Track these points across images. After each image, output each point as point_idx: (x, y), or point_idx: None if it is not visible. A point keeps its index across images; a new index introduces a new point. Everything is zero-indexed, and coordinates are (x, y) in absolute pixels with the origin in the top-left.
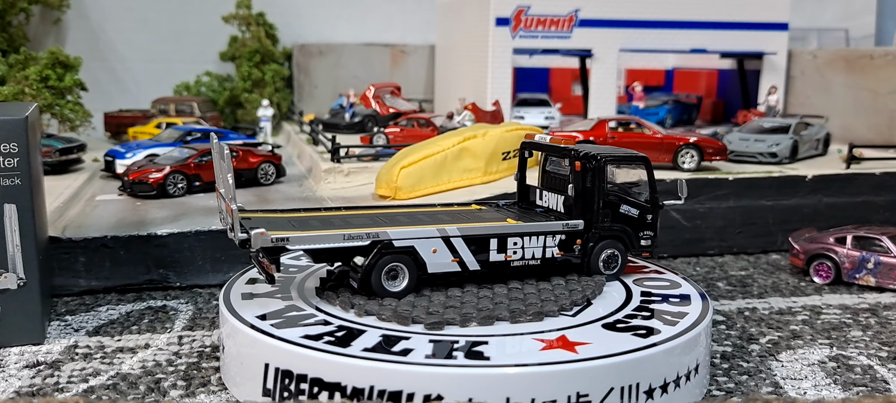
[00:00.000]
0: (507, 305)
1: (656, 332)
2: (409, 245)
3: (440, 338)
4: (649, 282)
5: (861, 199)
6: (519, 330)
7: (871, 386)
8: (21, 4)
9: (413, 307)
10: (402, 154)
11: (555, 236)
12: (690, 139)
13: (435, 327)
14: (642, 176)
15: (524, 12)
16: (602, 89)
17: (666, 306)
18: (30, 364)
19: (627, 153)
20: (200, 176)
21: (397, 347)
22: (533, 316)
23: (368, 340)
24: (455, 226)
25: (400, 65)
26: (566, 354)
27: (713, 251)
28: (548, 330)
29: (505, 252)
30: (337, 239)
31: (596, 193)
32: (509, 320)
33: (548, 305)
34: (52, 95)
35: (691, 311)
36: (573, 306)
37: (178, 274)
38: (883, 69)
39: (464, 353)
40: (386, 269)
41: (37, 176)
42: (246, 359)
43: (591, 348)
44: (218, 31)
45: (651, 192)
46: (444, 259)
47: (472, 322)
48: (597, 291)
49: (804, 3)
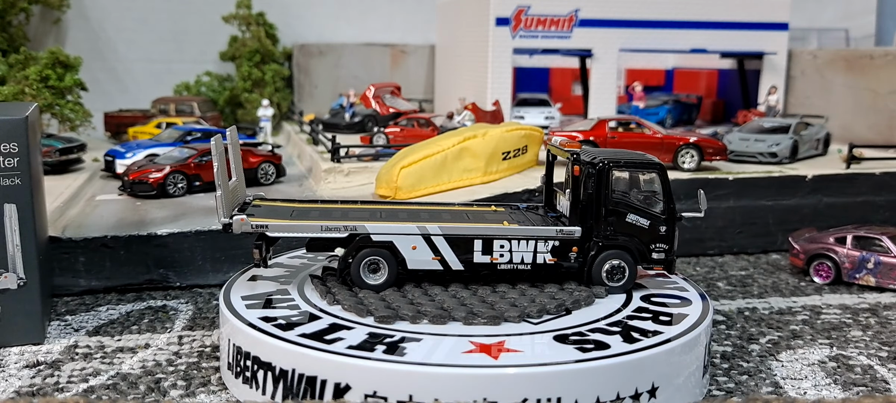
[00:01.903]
0: (474, 307)
1: (605, 347)
2: (388, 240)
3: (381, 332)
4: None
5: (861, 199)
6: (467, 332)
7: (871, 386)
8: (21, 4)
9: (381, 300)
10: (402, 154)
11: (547, 242)
12: (690, 139)
13: (384, 320)
14: (655, 184)
15: (524, 12)
16: (602, 89)
17: (644, 325)
18: (30, 364)
19: (638, 158)
20: (200, 176)
21: (333, 335)
22: (488, 319)
23: (314, 327)
24: (436, 225)
25: (400, 65)
26: (484, 359)
27: (713, 251)
28: (494, 335)
29: (491, 254)
30: (314, 229)
31: (598, 200)
32: (463, 321)
33: (511, 311)
34: (52, 95)
35: (619, 341)
36: (541, 314)
37: (178, 274)
38: (883, 69)
39: (386, 348)
40: (366, 262)
41: (37, 176)
42: (222, 337)
43: (517, 356)
44: (218, 31)
45: (666, 202)
46: (425, 256)
47: (423, 319)
48: (583, 302)
49: (804, 3)
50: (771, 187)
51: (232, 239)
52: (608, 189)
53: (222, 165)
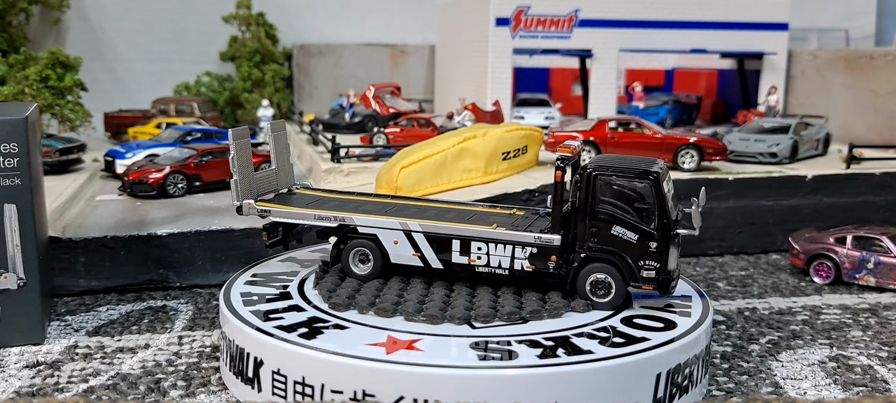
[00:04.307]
0: (428, 305)
1: (516, 356)
2: (372, 233)
3: (325, 317)
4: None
5: (861, 199)
6: (398, 326)
7: (871, 386)
8: (21, 4)
9: (355, 291)
10: (402, 154)
11: (524, 248)
12: (690, 139)
13: (335, 307)
14: (649, 196)
15: (524, 12)
16: (602, 89)
17: (590, 344)
18: (30, 364)
19: (630, 166)
20: (200, 176)
21: (280, 322)
22: (427, 318)
23: (266, 308)
24: (417, 222)
25: (400, 65)
26: (377, 352)
27: (713, 251)
28: (413, 332)
29: (469, 255)
30: (309, 217)
31: (583, 208)
32: (405, 317)
33: (457, 311)
34: (52, 95)
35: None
36: (485, 321)
37: (178, 274)
38: (883, 69)
39: (308, 332)
40: (355, 252)
41: (37, 176)
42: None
43: (410, 355)
44: (218, 31)
45: (660, 217)
46: (406, 252)
47: (370, 310)
48: (547, 314)
49: (804, 3)
50: (771, 187)
51: (231, 239)
52: (593, 197)
53: (239, 154)
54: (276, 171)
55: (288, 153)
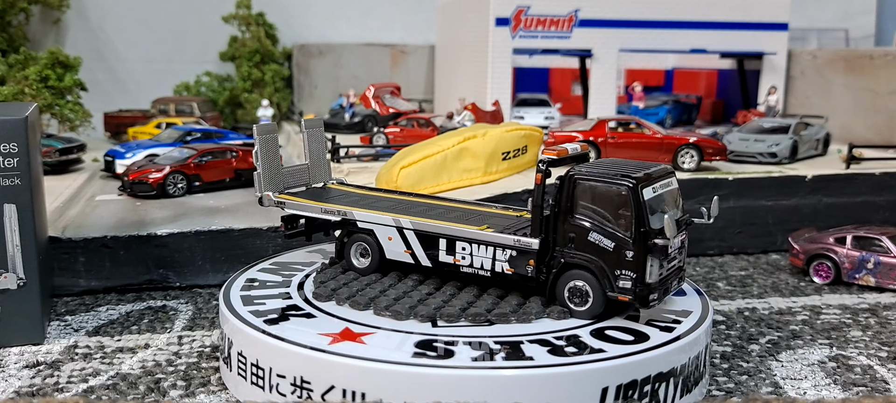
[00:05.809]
0: (404, 302)
1: (453, 355)
2: (369, 228)
3: (299, 306)
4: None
5: (861, 199)
6: (363, 319)
7: (870, 386)
8: (21, 4)
9: (344, 284)
10: (401, 154)
11: (504, 250)
12: (690, 139)
13: (318, 297)
14: (626, 203)
15: (524, 12)
16: (602, 89)
17: (540, 351)
18: (30, 364)
19: (613, 170)
20: (200, 176)
21: (258, 307)
22: (392, 314)
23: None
24: (408, 219)
25: (400, 65)
26: (322, 341)
27: (713, 251)
28: (368, 325)
29: (454, 255)
30: (316, 210)
31: (558, 213)
32: (374, 311)
33: (426, 310)
34: (52, 95)
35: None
36: (449, 320)
37: (177, 274)
38: (883, 69)
39: (275, 317)
40: (357, 246)
41: (37, 176)
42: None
43: (350, 347)
44: (218, 31)
45: (636, 226)
46: (398, 248)
47: (345, 303)
48: (515, 318)
49: (804, 3)
50: (771, 187)
51: (231, 239)
52: (572, 201)
53: (262, 148)
54: (308, 166)
55: (324, 149)
